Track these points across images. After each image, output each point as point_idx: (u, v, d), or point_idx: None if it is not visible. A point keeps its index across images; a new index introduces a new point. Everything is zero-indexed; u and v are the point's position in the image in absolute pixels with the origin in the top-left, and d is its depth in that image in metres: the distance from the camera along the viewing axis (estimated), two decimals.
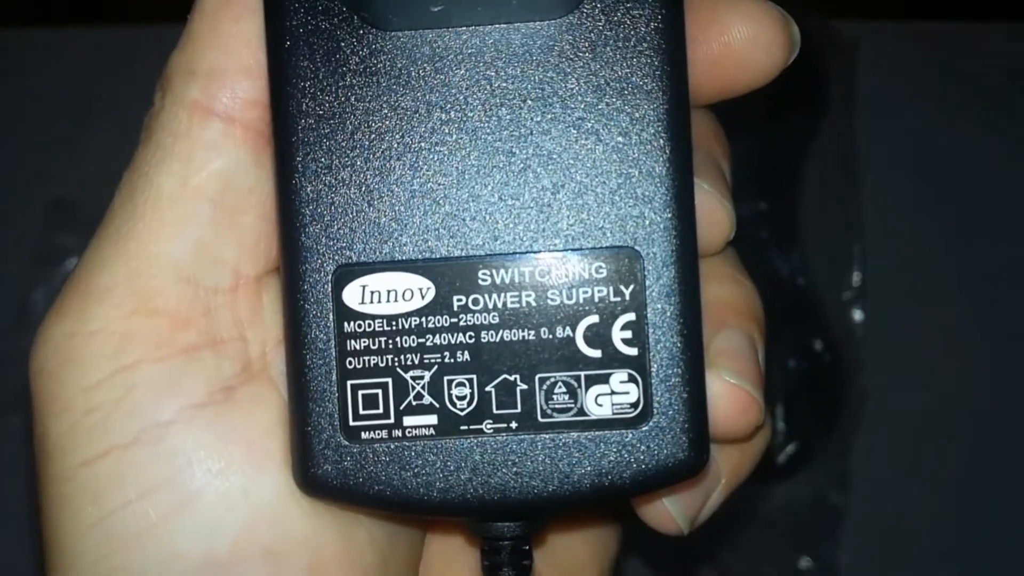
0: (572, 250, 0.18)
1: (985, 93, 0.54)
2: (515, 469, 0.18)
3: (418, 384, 0.18)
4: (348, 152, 0.18)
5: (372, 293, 0.18)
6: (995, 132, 0.54)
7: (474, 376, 0.18)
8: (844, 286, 0.51)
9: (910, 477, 0.51)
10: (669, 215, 0.18)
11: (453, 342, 0.18)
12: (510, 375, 0.18)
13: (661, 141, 0.18)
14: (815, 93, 0.52)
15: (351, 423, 0.18)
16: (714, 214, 0.20)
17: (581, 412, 0.18)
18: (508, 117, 0.18)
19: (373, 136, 0.18)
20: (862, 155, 0.52)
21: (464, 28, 0.18)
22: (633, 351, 0.18)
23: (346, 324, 0.18)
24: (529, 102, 0.18)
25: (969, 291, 0.53)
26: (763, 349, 0.21)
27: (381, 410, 0.18)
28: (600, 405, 0.18)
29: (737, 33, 0.19)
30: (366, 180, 0.18)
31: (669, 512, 0.21)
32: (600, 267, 0.18)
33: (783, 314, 0.50)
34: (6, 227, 0.55)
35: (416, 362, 0.18)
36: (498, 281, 0.18)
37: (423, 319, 0.18)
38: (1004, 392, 0.52)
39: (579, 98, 0.18)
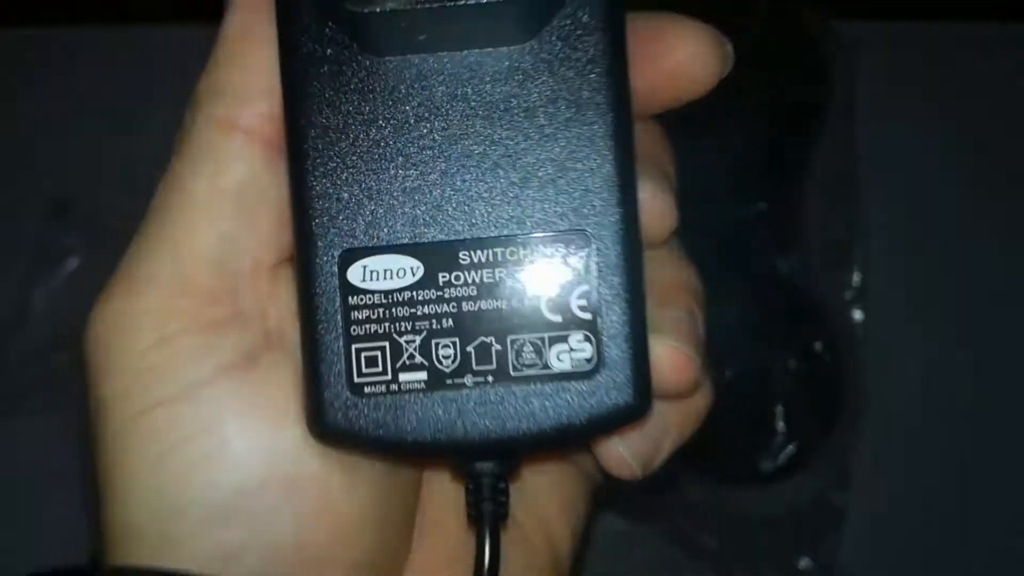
0: (536, 233, 0.22)
1: (986, 93, 0.54)
2: (492, 415, 0.22)
3: (411, 346, 0.22)
4: (350, 157, 0.22)
5: (372, 272, 0.23)
6: (995, 132, 0.54)
7: (457, 339, 0.22)
8: (844, 286, 0.52)
9: (910, 477, 0.51)
10: (614, 204, 0.22)
11: (439, 311, 0.22)
12: (487, 337, 0.22)
13: (608, 144, 0.22)
14: (815, 93, 0.52)
15: (355, 380, 0.23)
16: (660, 210, 0.24)
17: (546, 367, 0.22)
18: (481, 126, 0.22)
19: (370, 143, 0.22)
20: (862, 155, 0.52)
21: (444, 53, 0.22)
22: (587, 316, 0.22)
23: (350, 298, 0.23)
24: (499, 113, 0.22)
25: (969, 291, 0.53)
26: (703, 320, 0.25)
27: (380, 368, 0.23)
28: (561, 360, 0.22)
29: (679, 54, 0.24)
30: (365, 179, 0.23)
31: (623, 455, 0.25)
32: (559, 247, 0.22)
33: (783, 314, 0.50)
34: (6, 227, 0.55)
35: (409, 328, 0.22)
36: (476, 260, 0.22)
37: (414, 293, 0.22)
38: (1004, 392, 0.52)
39: (540, 110, 0.22)
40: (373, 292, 0.22)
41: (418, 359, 0.22)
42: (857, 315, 0.52)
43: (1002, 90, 0.55)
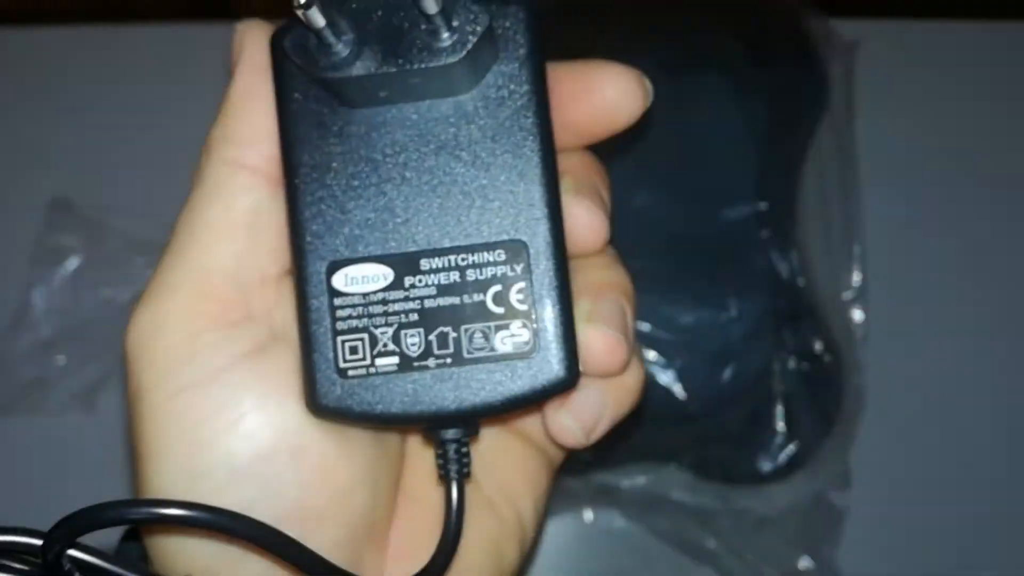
0: (482, 242, 0.28)
1: (985, 93, 0.55)
2: (451, 390, 0.28)
3: (384, 337, 0.28)
4: (333, 187, 0.29)
5: (352, 279, 0.28)
6: (995, 132, 0.54)
7: (421, 329, 0.28)
8: (844, 286, 0.52)
9: (910, 477, 0.51)
10: (545, 218, 0.28)
11: (406, 308, 0.28)
12: (445, 327, 0.28)
13: (537, 170, 0.28)
14: (814, 93, 0.52)
15: (341, 365, 0.28)
16: (594, 225, 0.29)
17: (492, 350, 0.28)
18: (435, 160, 0.28)
19: (349, 176, 0.28)
20: (862, 155, 0.53)
21: (404, 104, 0.29)
22: (524, 307, 0.28)
23: (336, 300, 0.29)
24: (448, 149, 0.28)
25: (969, 291, 0.53)
26: (632, 313, 0.31)
27: (361, 356, 0.28)
28: (505, 344, 0.28)
29: (606, 93, 0.29)
30: (345, 205, 0.29)
31: (570, 425, 0.30)
32: (500, 253, 0.28)
33: (783, 314, 0.50)
34: (6, 227, 0.55)
35: (383, 322, 0.28)
36: (434, 266, 0.28)
37: (386, 294, 0.28)
38: (1004, 392, 0.52)
39: (481, 145, 0.28)
40: (354, 294, 0.28)
41: (391, 347, 0.28)
42: (857, 315, 0.52)
43: (1002, 90, 0.55)
